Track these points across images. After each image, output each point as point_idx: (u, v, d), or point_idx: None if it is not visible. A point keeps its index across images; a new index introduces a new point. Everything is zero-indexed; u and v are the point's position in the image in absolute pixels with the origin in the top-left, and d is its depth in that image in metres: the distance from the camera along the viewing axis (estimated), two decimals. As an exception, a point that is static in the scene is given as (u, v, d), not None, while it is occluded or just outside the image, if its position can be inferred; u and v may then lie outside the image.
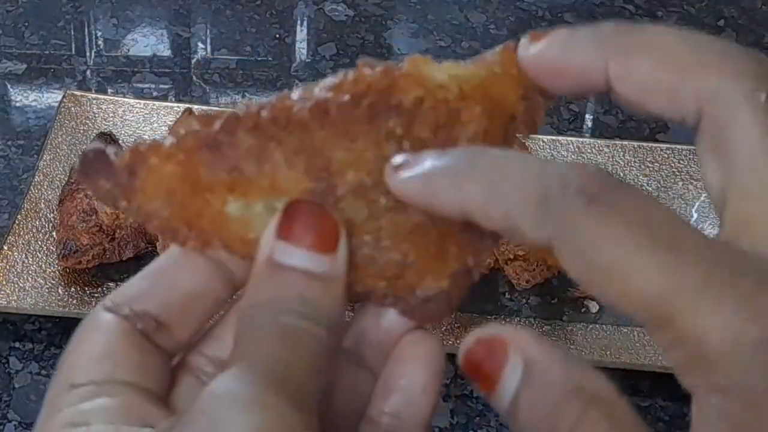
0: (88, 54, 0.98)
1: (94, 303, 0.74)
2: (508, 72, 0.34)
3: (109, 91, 0.94)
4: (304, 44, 1.01)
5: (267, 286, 0.32)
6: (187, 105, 0.86)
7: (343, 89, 0.33)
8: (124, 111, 0.87)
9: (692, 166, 0.85)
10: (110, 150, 0.33)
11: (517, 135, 0.35)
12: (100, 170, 0.32)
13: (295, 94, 0.33)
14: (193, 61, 0.98)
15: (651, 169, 0.85)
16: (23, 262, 0.75)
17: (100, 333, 0.33)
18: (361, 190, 0.33)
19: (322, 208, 0.32)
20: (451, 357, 0.33)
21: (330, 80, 0.33)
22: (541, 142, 0.86)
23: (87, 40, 1.00)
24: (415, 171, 0.32)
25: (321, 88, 0.33)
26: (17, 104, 0.92)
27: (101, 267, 0.76)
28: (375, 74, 0.33)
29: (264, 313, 0.32)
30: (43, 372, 0.72)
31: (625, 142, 0.87)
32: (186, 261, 0.34)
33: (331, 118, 0.32)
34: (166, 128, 0.83)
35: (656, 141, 0.90)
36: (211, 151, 0.32)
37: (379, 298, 0.35)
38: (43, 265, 0.76)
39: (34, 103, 0.92)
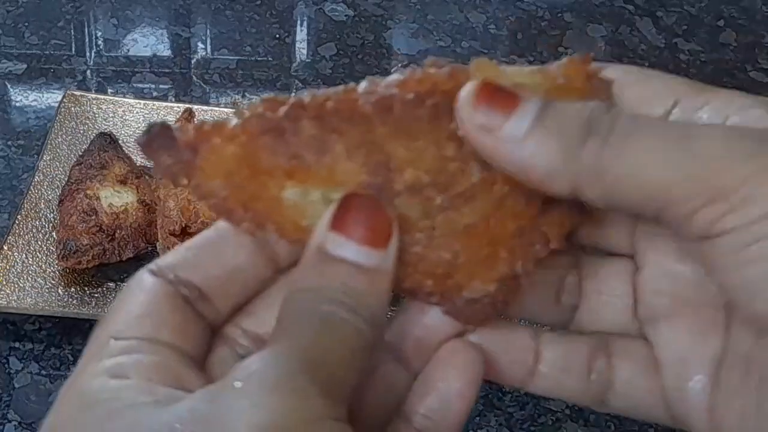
0: (88, 54, 0.98)
1: (94, 303, 0.74)
2: (572, 85, 0.34)
3: (109, 91, 0.94)
4: (304, 44, 1.01)
5: (314, 273, 0.33)
6: (187, 105, 0.86)
7: (408, 87, 0.33)
8: (124, 111, 0.87)
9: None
10: (175, 126, 0.33)
11: None
12: (163, 145, 0.33)
13: (362, 86, 0.33)
14: (193, 61, 0.98)
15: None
16: (23, 262, 0.75)
17: (145, 293, 0.33)
18: (417, 187, 0.33)
19: (378, 203, 0.33)
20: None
21: (396, 77, 0.33)
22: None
23: (87, 40, 1.00)
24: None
25: (387, 84, 0.33)
26: (17, 104, 0.92)
27: (101, 267, 0.76)
28: (441, 75, 0.33)
29: (308, 298, 0.32)
30: (43, 372, 0.72)
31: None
32: (233, 237, 0.35)
33: (395, 114, 0.33)
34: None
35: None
36: (274, 136, 0.33)
37: (425, 295, 0.35)
38: (43, 265, 0.76)
39: (34, 103, 0.92)
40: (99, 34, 1.01)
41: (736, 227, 0.31)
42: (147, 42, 0.99)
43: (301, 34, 1.02)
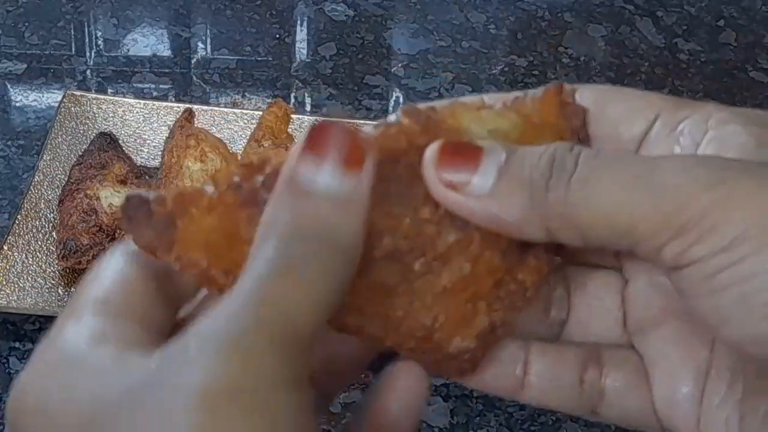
0: (88, 54, 0.98)
1: (94, 303, 0.74)
2: (547, 120, 0.35)
3: (109, 91, 0.94)
4: (304, 44, 1.01)
5: (282, 206, 0.31)
6: (187, 105, 0.86)
7: (383, 143, 0.33)
8: (124, 111, 0.87)
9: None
10: (152, 196, 0.33)
11: None
12: (142, 219, 0.33)
13: None
14: (193, 61, 0.98)
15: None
16: (23, 262, 0.75)
17: (136, 262, 0.33)
18: (396, 254, 0.33)
19: (351, 129, 0.32)
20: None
21: (370, 131, 0.33)
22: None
23: (87, 40, 1.00)
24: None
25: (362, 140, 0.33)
26: (17, 104, 0.92)
27: (101, 267, 0.76)
28: (414, 128, 0.33)
29: (275, 239, 0.31)
30: (43, 372, 0.72)
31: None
32: None
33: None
34: (167, 128, 0.84)
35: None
36: (252, 207, 0.32)
37: (408, 351, 0.35)
38: (43, 265, 0.76)
39: (34, 103, 0.92)
40: (99, 34, 1.01)
41: (703, 257, 0.31)
42: (147, 42, 0.99)
43: (301, 34, 1.02)
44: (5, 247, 0.75)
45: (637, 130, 0.36)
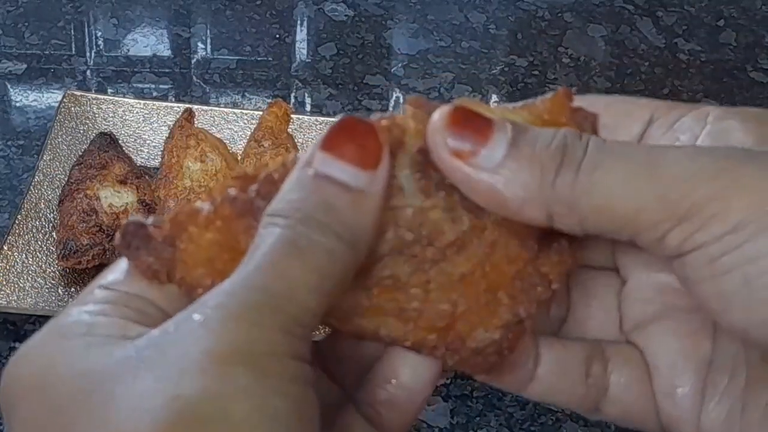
0: (88, 54, 0.98)
1: (94, 303, 0.74)
2: (558, 120, 0.34)
3: (109, 91, 0.94)
4: (304, 44, 1.01)
5: (296, 191, 0.32)
6: (187, 105, 0.86)
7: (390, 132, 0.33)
8: (124, 111, 0.87)
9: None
10: (149, 221, 0.33)
11: None
12: (140, 244, 0.32)
13: None
14: (193, 61, 0.98)
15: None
16: (23, 262, 0.75)
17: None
18: (401, 246, 0.33)
19: (371, 127, 0.32)
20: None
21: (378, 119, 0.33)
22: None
23: (87, 40, 1.00)
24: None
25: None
26: (17, 104, 0.92)
27: (101, 267, 0.76)
28: (421, 115, 0.33)
29: (282, 219, 0.31)
30: (43, 372, 0.72)
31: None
32: None
33: None
34: (167, 128, 0.84)
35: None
36: (249, 217, 0.32)
37: (430, 349, 0.34)
38: (43, 265, 0.76)
39: (34, 103, 0.92)
40: (99, 34, 1.01)
41: (706, 242, 0.31)
42: (147, 42, 0.99)
43: (301, 34, 1.02)
44: (5, 247, 0.75)
45: (635, 132, 0.36)
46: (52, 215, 0.78)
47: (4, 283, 0.73)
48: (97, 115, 0.86)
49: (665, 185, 0.32)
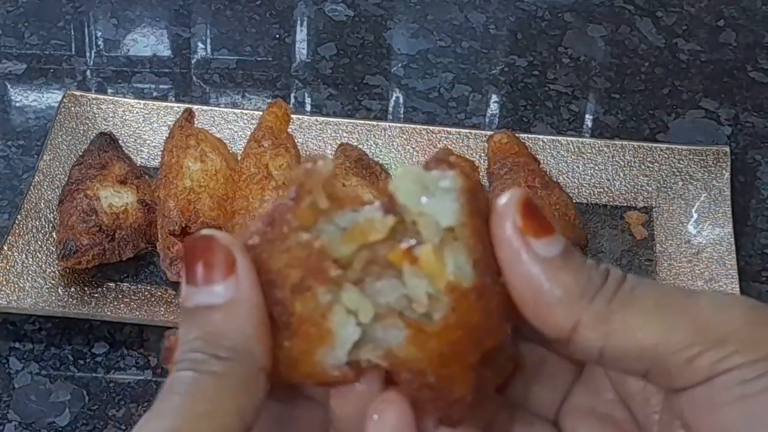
0: (88, 54, 0.98)
1: (94, 303, 0.74)
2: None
3: (109, 91, 0.94)
4: (304, 44, 1.01)
5: (184, 332, 0.33)
6: (187, 105, 0.86)
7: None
8: (124, 111, 0.87)
9: (692, 166, 0.85)
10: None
11: None
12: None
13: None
14: (193, 61, 0.98)
15: (651, 169, 0.85)
16: (23, 262, 0.75)
17: None
18: (304, 285, 0.33)
19: (208, 239, 0.33)
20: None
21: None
22: (541, 143, 0.86)
23: (87, 40, 1.00)
24: None
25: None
26: (17, 104, 0.92)
27: (101, 267, 0.76)
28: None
29: (182, 363, 0.32)
30: (43, 372, 0.72)
31: (625, 142, 0.87)
32: None
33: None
34: (167, 128, 0.84)
35: (656, 141, 0.90)
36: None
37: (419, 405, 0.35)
38: (43, 265, 0.76)
39: (34, 103, 0.92)
40: (99, 34, 1.00)
41: (741, 365, 0.32)
42: (147, 42, 0.99)
43: (301, 34, 1.02)
44: (5, 247, 0.75)
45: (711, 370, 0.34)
46: (52, 215, 0.78)
47: (4, 283, 0.73)
48: (97, 115, 0.86)
49: (700, 312, 0.33)
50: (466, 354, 0.33)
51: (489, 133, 0.84)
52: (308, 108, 0.94)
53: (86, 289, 0.75)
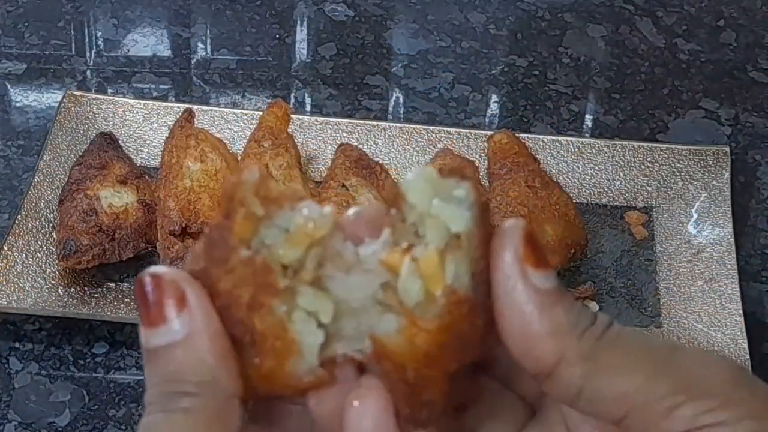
0: (88, 54, 0.98)
1: (94, 303, 0.74)
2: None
3: (109, 91, 0.94)
4: (304, 44, 1.01)
5: (148, 375, 0.33)
6: (187, 105, 0.86)
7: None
8: (124, 111, 0.87)
9: (692, 166, 0.85)
10: None
11: None
12: None
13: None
14: (193, 61, 0.98)
15: (651, 169, 0.85)
16: (23, 262, 0.75)
17: None
18: (257, 303, 0.33)
19: (158, 277, 0.33)
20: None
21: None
22: (541, 143, 0.86)
23: (87, 40, 1.00)
24: None
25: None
26: (17, 104, 0.92)
27: (101, 267, 0.76)
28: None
29: (150, 407, 0.33)
30: (43, 372, 0.72)
31: (625, 142, 0.87)
32: None
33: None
34: (167, 128, 0.84)
35: (656, 141, 0.90)
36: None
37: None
38: (43, 265, 0.76)
39: (34, 103, 0.92)
40: (99, 34, 1.00)
41: (726, 421, 0.32)
42: (147, 42, 0.99)
43: (301, 34, 1.02)
44: (5, 247, 0.75)
45: None
46: (52, 215, 0.78)
47: (4, 283, 0.73)
48: (97, 115, 0.86)
49: (686, 364, 0.33)
50: (449, 361, 0.33)
51: (489, 133, 0.85)
52: (308, 108, 0.94)
53: (86, 289, 0.75)
